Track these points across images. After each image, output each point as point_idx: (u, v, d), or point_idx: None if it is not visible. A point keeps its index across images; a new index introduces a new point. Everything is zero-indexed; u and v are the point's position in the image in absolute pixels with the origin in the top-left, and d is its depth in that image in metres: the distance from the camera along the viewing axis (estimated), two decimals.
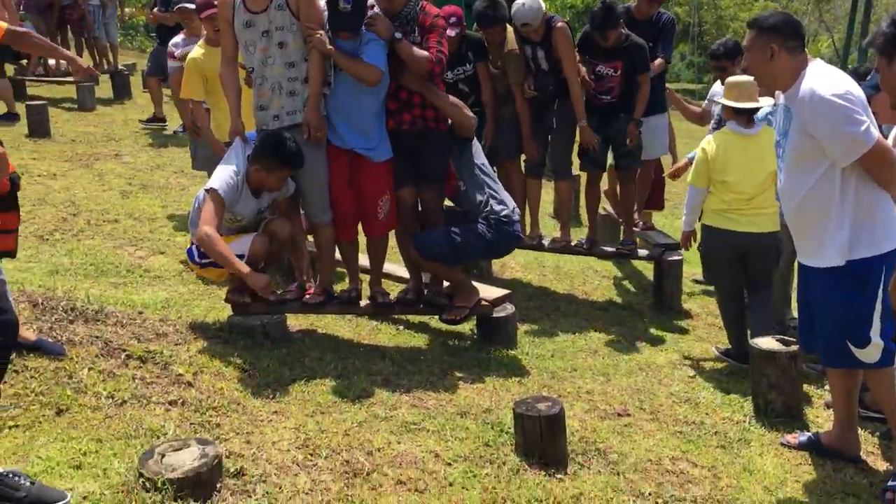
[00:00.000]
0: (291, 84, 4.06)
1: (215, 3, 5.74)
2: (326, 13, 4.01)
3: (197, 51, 5.60)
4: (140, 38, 19.52)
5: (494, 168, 5.69)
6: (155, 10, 9.42)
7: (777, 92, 3.35)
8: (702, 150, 4.61)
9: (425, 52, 4.04)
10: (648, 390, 4.29)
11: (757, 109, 4.45)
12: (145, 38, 20.40)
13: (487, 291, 4.75)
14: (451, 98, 4.29)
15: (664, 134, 6.24)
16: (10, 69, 10.42)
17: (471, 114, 4.30)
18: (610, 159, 5.91)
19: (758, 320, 4.67)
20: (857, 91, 3.08)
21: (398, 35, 4.03)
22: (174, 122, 9.61)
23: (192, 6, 6.14)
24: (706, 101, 6.37)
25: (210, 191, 3.97)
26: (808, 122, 3.08)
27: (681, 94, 7.04)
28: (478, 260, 5.78)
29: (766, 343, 4.07)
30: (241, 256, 4.10)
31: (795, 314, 4.56)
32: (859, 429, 3.65)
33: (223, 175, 4.05)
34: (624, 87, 5.50)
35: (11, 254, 3.48)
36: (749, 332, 4.68)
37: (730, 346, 4.86)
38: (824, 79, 3.07)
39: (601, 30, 5.34)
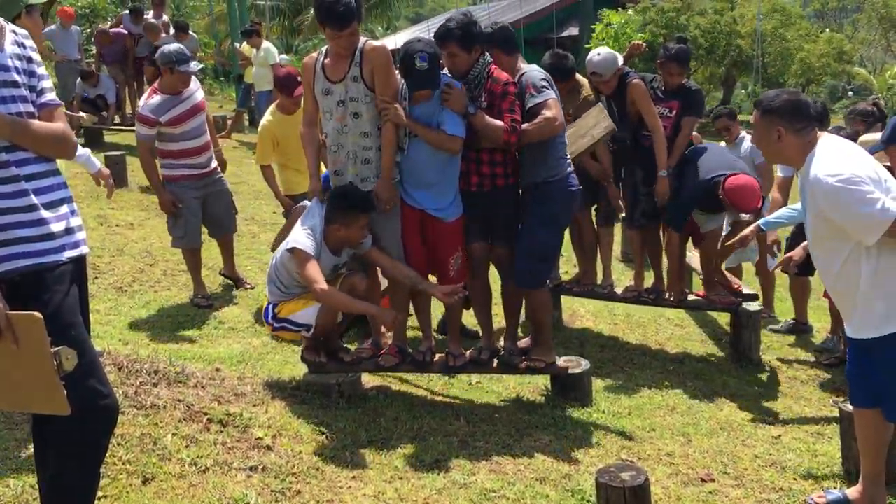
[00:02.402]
0: (366, 153, 4.10)
1: (299, 79, 5.84)
2: (402, 79, 4.05)
3: (268, 118, 5.76)
4: (209, 82, 20.11)
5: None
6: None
7: None
8: None
9: (500, 123, 4.03)
10: (731, 452, 4.15)
11: None
12: (214, 81, 21.04)
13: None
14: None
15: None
16: (89, 120, 10.83)
17: None
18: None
19: None
20: (862, 166, 3.05)
21: (472, 109, 4.03)
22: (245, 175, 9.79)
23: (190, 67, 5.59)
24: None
25: (294, 251, 4.01)
26: (822, 208, 3.10)
27: (743, 127, 6.84)
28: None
29: None
30: (308, 327, 4.18)
31: None
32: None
33: (301, 233, 4.09)
34: (676, 130, 5.42)
35: None
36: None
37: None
38: (828, 162, 3.07)
39: (678, 61, 5.32)
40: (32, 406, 2.32)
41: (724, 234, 5.68)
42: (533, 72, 4.31)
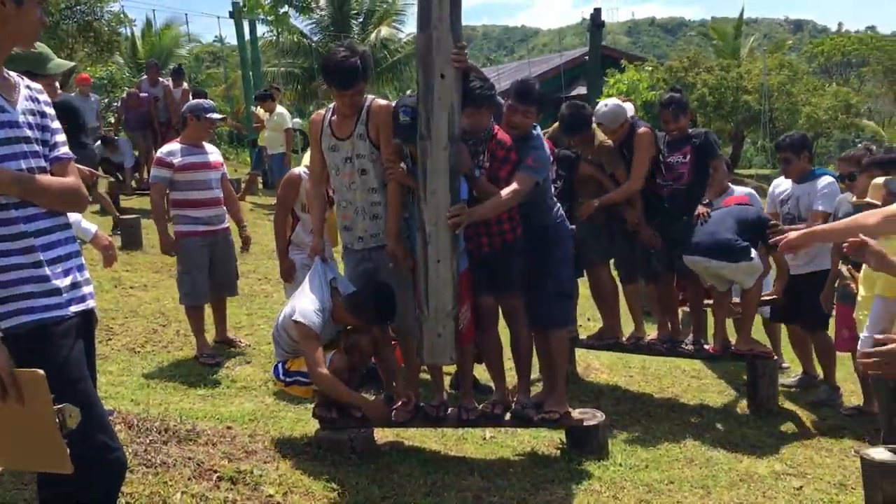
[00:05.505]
0: (374, 208, 4.14)
1: None
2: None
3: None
4: (224, 147, 20.40)
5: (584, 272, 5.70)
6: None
7: None
8: None
9: (498, 191, 4.06)
10: None
11: None
12: (228, 145, 21.36)
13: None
14: None
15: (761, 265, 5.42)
16: (104, 183, 11.01)
17: None
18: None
19: None
20: None
21: (476, 173, 4.07)
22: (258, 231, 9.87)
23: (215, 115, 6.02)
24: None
25: (299, 325, 4.03)
26: None
27: (753, 178, 6.86)
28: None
29: (880, 454, 3.82)
30: None
31: None
32: None
33: (309, 309, 4.09)
34: (694, 174, 5.40)
35: None
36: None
37: None
38: None
39: (669, 108, 5.38)
40: (34, 464, 2.30)
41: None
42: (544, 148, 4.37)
